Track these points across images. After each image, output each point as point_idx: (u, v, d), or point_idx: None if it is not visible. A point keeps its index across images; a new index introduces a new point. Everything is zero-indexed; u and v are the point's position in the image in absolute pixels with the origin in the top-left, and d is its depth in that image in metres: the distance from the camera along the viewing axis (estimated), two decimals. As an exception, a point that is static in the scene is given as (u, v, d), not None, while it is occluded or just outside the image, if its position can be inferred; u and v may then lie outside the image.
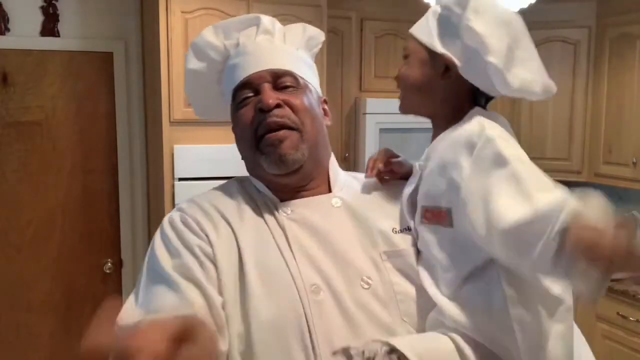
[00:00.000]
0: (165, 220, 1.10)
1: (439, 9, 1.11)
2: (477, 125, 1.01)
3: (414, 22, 1.15)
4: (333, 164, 1.20)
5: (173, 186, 2.99)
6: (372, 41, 3.72)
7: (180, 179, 2.98)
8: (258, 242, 1.06)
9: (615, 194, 3.88)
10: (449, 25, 1.08)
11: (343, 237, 1.07)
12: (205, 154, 2.95)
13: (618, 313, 3.20)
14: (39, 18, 3.27)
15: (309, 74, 1.17)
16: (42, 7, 3.26)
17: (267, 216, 1.10)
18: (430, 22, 1.11)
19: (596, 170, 3.70)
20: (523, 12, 1.19)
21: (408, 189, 1.11)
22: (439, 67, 1.09)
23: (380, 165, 1.18)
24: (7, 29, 3.22)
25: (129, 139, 3.52)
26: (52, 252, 3.44)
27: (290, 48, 1.17)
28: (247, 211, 1.11)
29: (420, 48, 1.10)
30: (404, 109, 1.15)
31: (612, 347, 3.25)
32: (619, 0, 3.52)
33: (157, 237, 1.09)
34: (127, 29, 3.46)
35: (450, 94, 1.09)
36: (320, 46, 1.25)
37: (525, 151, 1.00)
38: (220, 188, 1.19)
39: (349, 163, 3.73)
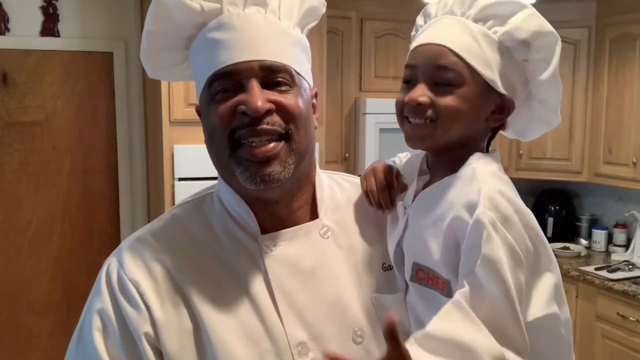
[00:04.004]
0: (103, 276, 0.94)
1: (495, 35, 0.90)
2: (476, 191, 0.84)
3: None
4: (318, 176, 1.01)
5: (173, 186, 2.99)
6: (372, 41, 3.72)
7: (180, 179, 2.98)
8: (224, 301, 0.90)
9: (615, 194, 3.88)
10: (509, 60, 0.91)
11: (333, 277, 0.94)
12: (205, 154, 2.89)
13: (618, 313, 3.19)
14: (39, 18, 3.27)
15: (304, 61, 0.95)
16: (42, 7, 3.26)
17: (241, 258, 0.93)
18: (486, 48, 0.90)
19: (596, 170, 3.69)
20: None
21: (394, 241, 0.97)
22: (490, 105, 0.92)
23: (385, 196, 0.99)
24: (7, 29, 3.22)
25: (129, 139, 3.53)
26: (52, 252, 3.45)
27: (285, 26, 0.92)
28: (209, 258, 0.94)
29: (474, 79, 0.89)
30: (424, 144, 0.94)
31: (612, 347, 3.25)
32: (619, 0, 3.52)
33: (94, 297, 0.94)
34: (127, 29, 3.46)
35: (481, 133, 0.95)
36: (318, 20, 0.99)
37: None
38: (174, 223, 0.99)
39: (349, 163, 3.73)
